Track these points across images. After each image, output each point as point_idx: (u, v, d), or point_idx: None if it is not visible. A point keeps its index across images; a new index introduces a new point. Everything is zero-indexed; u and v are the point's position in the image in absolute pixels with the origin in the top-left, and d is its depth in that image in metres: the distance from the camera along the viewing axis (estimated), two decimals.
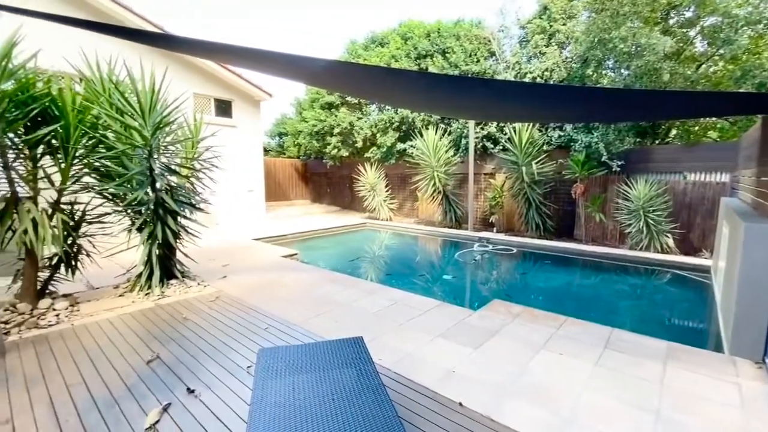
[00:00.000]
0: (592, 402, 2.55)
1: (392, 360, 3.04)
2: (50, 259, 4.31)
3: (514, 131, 9.65)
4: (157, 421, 2.28)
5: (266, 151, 18.71)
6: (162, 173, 4.67)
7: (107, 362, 3.04)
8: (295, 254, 7.28)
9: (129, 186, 4.44)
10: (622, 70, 8.87)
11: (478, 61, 11.56)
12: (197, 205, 5.18)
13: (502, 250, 8.45)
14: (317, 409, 1.76)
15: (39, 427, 2.27)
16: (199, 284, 5.03)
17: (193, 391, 2.59)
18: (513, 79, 10.49)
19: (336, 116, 13.81)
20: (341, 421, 1.67)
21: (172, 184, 4.86)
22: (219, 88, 10.65)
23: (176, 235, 4.81)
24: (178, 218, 4.82)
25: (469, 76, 10.96)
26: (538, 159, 9.37)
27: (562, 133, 9.55)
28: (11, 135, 3.80)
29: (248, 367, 2.93)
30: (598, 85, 8.86)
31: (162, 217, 4.57)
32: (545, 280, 6.85)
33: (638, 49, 7.86)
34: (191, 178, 5.25)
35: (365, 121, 13.73)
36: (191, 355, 3.16)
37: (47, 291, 4.26)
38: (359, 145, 13.83)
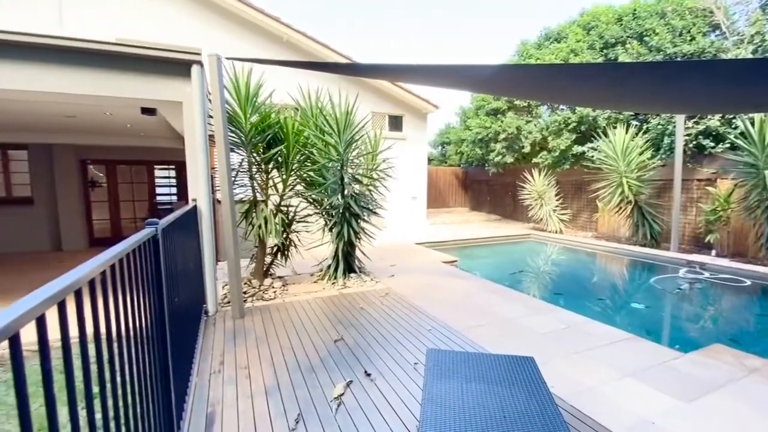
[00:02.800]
0: None
1: (567, 391, 2.70)
2: (272, 248, 5.62)
3: (751, 123, 7.24)
4: (342, 394, 2.66)
5: (429, 160, 19.61)
6: (350, 182, 5.48)
7: (307, 335, 3.75)
8: (455, 261, 7.35)
9: (326, 192, 5.38)
10: None
11: (693, 39, 9.20)
12: (374, 210, 5.85)
13: (727, 280, 6.42)
14: (487, 422, 1.72)
15: (264, 376, 2.97)
16: (372, 280, 5.66)
17: (369, 375, 2.92)
18: (750, 56, 7.91)
19: (502, 122, 13.32)
20: None
21: (356, 191, 5.64)
22: (392, 105, 11.78)
23: (357, 235, 5.56)
24: (359, 221, 5.55)
25: (678, 60, 8.84)
26: None
27: None
28: (254, 154, 5.15)
29: (415, 363, 3.11)
30: None
31: (348, 219, 5.35)
32: None
33: None
34: (370, 187, 5.96)
35: (535, 125, 12.76)
36: (367, 342, 3.57)
37: (270, 272, 5.57)
38: (526, 150, 12.95)
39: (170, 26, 8.84)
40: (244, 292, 4.91)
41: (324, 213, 5.70)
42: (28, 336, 0.67)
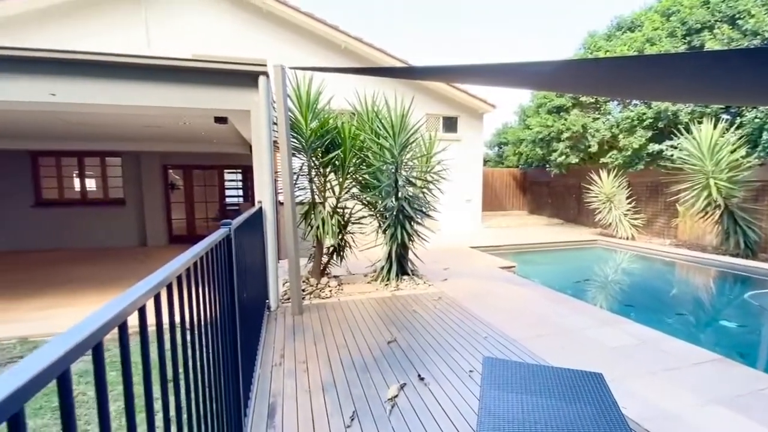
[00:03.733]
0: None
1: (641, 414, 2.46)
2: (328, 248, 5.82)
3: None
4: (396, 396, 2.68)
5: (485, 161, 19.04)
6: (404, 185, 5.51)
7: (361, 334, 3.82)
8: (513, 266, 7.05)
9: (380, 195, 5.46)
10: None
11: None
12: (428, 213, 5.82)
13: None
14: None
15: (321, 372, 3.08)
16: (425, 283, 5.62)
17: (423, 379, 2.90)
18: None
19: (566, 120, 12.53)
20: None
21: (410, 194, 5.65)
22: (447, 106, 11.64)
23: (410, 238, 5.56)
24: (413, 223, 5.55)
25: None
26: None
27: None
28: (313, 159, 5.38)
29: (470, 371, 3.04)
30: None
31: (401, 221, 5.38)
32: None
33: None
34: (423, 189, 5.93)
35: (603, 122, 11.84)
36: (420, 345, 3.55)
37: (326, 272, 5.77)
38: (593, 149, 12.05)
39: (238, 40, 9.57)
40: (303, 290, 5.13)
41: (378, 215, 5.79)
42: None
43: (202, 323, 1.30)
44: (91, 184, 9.67)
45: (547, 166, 14.33)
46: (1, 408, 0.36)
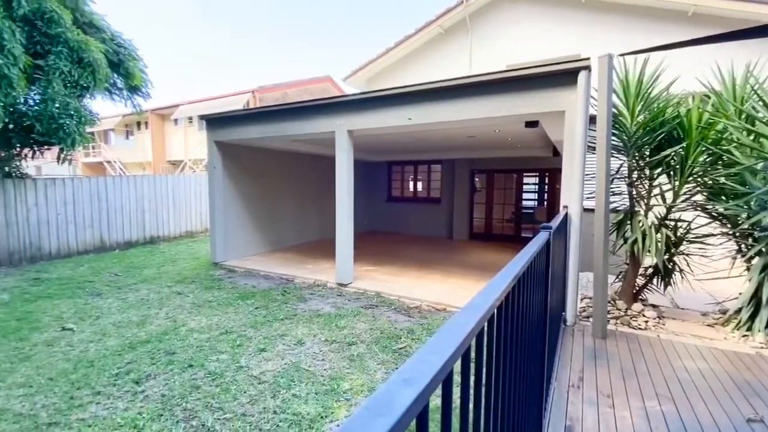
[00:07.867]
0: None
1: None
2: (646, 269, 4.71)
3: None
4: None
5: None
6: None
7: (696, 392, 2.84)
8: None
9: (747, 207, 3.83)
10: None
11: None
12: None
13: None
14: None
15: (633, 418, 2.52)
16: None
17: None
18: None
19: None
20: None
21: None
22: None
23: None
24: None
25: None
26: None
27: None
28: (637, 158, 4.47)
29: None
30: None
31: None
32: None
33: None
34: None
35: None
36: None
37: (640, 297, 4.71)
38: None
39: (549, 40, 9.40)
40: (608, 312, 4.42)
41: (738, 234, 4.10)
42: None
43: (526, 318, 1.32)
44: (419, 186, 12.41)
45: None
46: (445, 365, 0.46)
